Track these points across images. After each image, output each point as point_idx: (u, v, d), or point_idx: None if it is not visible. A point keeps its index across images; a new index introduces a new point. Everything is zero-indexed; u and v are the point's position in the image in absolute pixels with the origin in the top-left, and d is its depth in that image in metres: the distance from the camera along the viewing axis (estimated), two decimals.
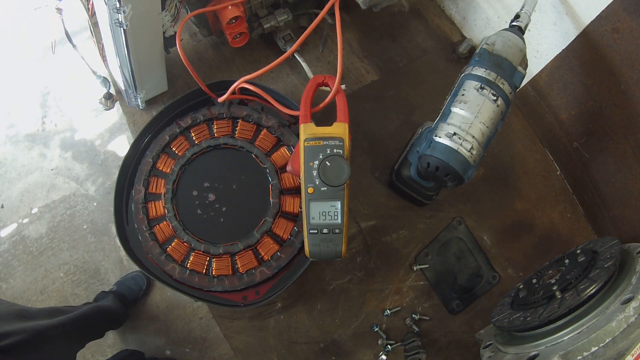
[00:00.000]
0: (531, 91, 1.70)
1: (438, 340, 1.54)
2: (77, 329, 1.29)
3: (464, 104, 1.22)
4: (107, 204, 1.79)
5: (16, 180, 1.85)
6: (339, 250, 1.21)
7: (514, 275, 1.62)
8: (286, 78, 1.80)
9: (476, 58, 1.27)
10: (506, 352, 1.13)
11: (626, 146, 1.43)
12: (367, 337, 1.53)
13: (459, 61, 1.84)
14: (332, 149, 1.20)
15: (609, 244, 1.13)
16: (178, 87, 1.76)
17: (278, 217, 1.44)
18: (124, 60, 1.41)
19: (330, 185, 1.18)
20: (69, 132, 1.91)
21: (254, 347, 1.52)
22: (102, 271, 1.72)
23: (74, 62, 1.93)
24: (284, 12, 1.67)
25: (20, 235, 1.77)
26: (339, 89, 1.29)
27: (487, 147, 1.26)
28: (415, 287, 1.58)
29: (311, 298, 1.56)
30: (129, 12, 1.17)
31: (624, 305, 0.94)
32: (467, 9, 1.82)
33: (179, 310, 1.64)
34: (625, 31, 1.28)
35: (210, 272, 1.40)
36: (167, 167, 1.48)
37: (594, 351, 0.92)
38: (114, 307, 1.51)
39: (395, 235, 1.62)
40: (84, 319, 1.33)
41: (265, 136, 1.52)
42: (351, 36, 1.88)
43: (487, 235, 1.64)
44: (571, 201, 1.71)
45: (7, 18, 2.12)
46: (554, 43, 1.50)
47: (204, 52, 1.83)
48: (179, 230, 1.42)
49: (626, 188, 1.48)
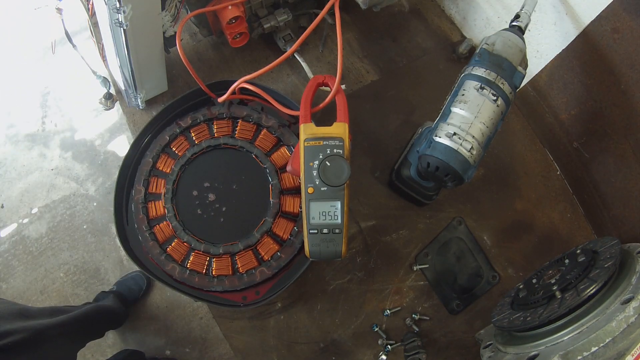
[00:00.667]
0: (531, 91, 1.70)
1: (438, 340, 1.54)
2: (77, 329, 1.29)
3: (464, 104, 1.22)
4: (107, 204, 1.79)
5: (16, 180, 1.85)
6: (339, 250, 1.21)
7: (514, 275, 1.62)
8: (286, 78, 1.80)
9: (476, 58, 1.27)
10: (506, 352, 1.13)
11: (626, 146, 1.43)
12: (367, 337, 1.53)
13: (459, 61, 1.84)
14: (332, 149, 1.19)
15: (609, 244, 1.13)
16: (178, 87, 1.76)
17: (278, 217, 1.44)
18: (124, 60, 1.41)
19: (330, 185, 1.18)
20: (69, 132, 1.91)
21: (254, 347, 1.52)
22: (102, 271, 1.72)
23: (74, 62, 1.93)
24: (284, 12, 1.67)
25: (20, 235, 1.77)
26: (339, 89, 1.29)
27: (487, 147, 1.26)
28: (415, 287, 1.58)
29: (311, 298, 1.56)
30: (129, 12, 1.17)
31: (624, 305, 0.94)
32: (467, 9, 1.83)
33: (179, 310, 1.64)
34: (625, 31, 1.28)
35: (210, 272, 1.40)
36: (167, 167, 1.48)
37: (594, 351, 0.92)
38: (114, 307, 1.51)
39: (395, 235, 1.62)
40: (84, 319, 1.33)
41: (265, 136, 1.52)
42: (351, 36, 1.88)
43: (487, 235, 1.64)
44: (571, 201, 1.71)
45: (7, 18, 2.12)
46: (554, 43, 1.50)
47: (204, 52, 1.83)
48: (179, 230, 1.42)
49: (626, 188, 1.49)
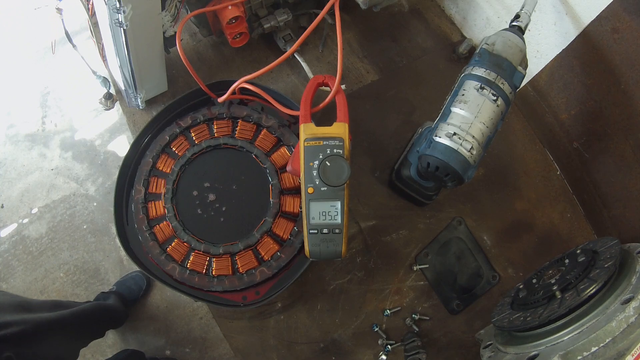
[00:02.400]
0: (531, 91, 1.70)
1: (438, 340, 1.54)
2: (78, 325, 1.29)
3: (464, 104, 1.22)
4: (107, 204, 1.79)
5: (16, 180, 1.85)
6: (339, 250, 1.21)
7: (514, 275, 1.62)
8: (286, 78, 1.80)
9: (476, 58, 1.27)
10: (506, 352, 1.13)
11: (626, 146, 1.43)
12: (367, 337, 1.53)
13: (459, 61, 1.84)
14: (332, 149, 1.19)
15: (609, 244, 1.12)
16: (178, 87, 1.76)
17: (278, 217, 1.44)
18: (124, 60, 1.41)
19: (330, 185, 1.18)
20: (69, 132, 1.91)
21: (254, 347, 1.52)
22: (102, 271, 1.72)
23: (74, 62, 1.93)
24: (284, 12, 1.67)
25: (20, 235, 1.77)
26: (339, 89, 1.29)
27: (487, 147, 1.26)
28: (415, 287, 1.58)
29: (311, 298, 1.55)
30: (129, 12, 1.17)
31: (624, 305, 0.94)
32: (467, 9, 1.83)
33: (179, 310, 1.65)
34: (625, 31, 1.28)
35: (210, 272, 1.40)
36: (167, 167, 1.48)
37: (594, 351, 0.92)
38: (115, 306, 1.52)
39: (395, 235, 1.62)
40: (85, 315, 1.33)
41: (265, 136, 1.52)
42: (351, 36, 1.88)
43: (487, 235, 1.64)
44: (571, 201, 1.71)
45: (7, 18, 2.12)
46: (554, 43, 1.50)
47: (204, 52, 1.83)
48: (179, 230, 1.42)
49: (626, 188, 1.48)
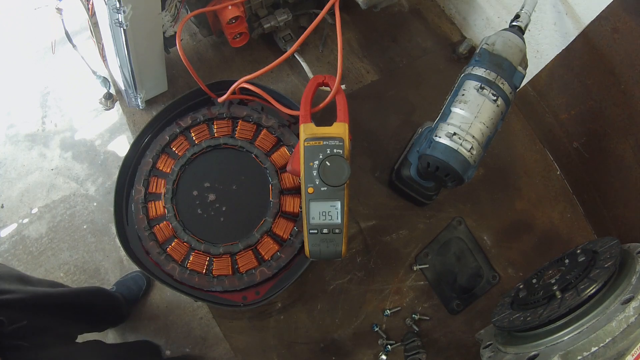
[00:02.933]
0: (531, 91, 1.70)
1: (438, 340, 1.54)
2: (78, 305, 1.29)
3: (464, 104, 1.22)
4: (107, 204, 1.80)
5: (16, 180, 1.85)
6: (339, 250, 1.21)
7: (514, 275, 1.62)
8: (286, 78, 1.80)
9: (476, 58, 1.27)
10: (506, 352, 1.13)
11: (626, 146, 1.43)
12: (367, 337, 1.53)
13: (459, 61, 1.84)
14: (332, 149, 1.20)
15: (609, 244, 1.12)
16: (178, 87, 1.76)
17: (278, 217, 1.44)
18: (124, 60, 1.41)
19: (330, 185, 1.18)
20: (69, 132, 1.91)
21: (254, 347, 1.52)
22: (102, 271, 1.72)
23: (74, 62, 1.93)
24: (284, 12, 1.67)
25: (20, 235, 1.77)
26: (339, 89, 1.29)
27: (487, 147, 1.26)
28: (415, 287, 1.58)
29: (311, 298, 1.55)
30: (129, 12, 1.17)
31: (624, 305, 0.94)
32: (467, 9, 1.83)
33: (179, 310, 1.65)
34: (625, 31, 1.28)
35: (210, 272, 1.40)
36: (167, 167, 1.48)
37: (594, 351, 0.92)
38: (117, 295, 1.52)
39: (395, 235, 1.62)
40: (85, 295, 1.34)
41: (265, 136, 1.52)
42: (351, 36, 1.88)
43: (487, 235, 1.64)
44: (571, 201, 1.71)
45: (7, 18, 2.12)
46: (554, 43, 1.50)
47: (204, 52, 1.83)
48: (179, 230, 1.42)
49: (626, 188, 1.48)
